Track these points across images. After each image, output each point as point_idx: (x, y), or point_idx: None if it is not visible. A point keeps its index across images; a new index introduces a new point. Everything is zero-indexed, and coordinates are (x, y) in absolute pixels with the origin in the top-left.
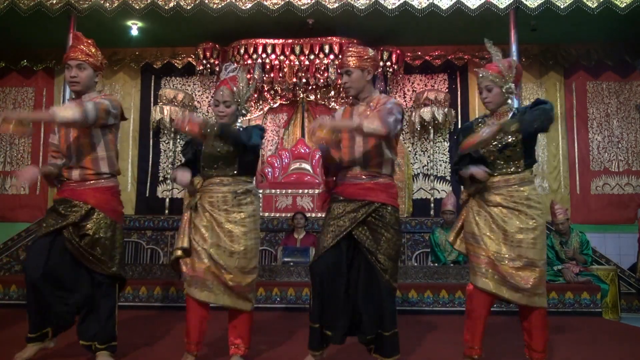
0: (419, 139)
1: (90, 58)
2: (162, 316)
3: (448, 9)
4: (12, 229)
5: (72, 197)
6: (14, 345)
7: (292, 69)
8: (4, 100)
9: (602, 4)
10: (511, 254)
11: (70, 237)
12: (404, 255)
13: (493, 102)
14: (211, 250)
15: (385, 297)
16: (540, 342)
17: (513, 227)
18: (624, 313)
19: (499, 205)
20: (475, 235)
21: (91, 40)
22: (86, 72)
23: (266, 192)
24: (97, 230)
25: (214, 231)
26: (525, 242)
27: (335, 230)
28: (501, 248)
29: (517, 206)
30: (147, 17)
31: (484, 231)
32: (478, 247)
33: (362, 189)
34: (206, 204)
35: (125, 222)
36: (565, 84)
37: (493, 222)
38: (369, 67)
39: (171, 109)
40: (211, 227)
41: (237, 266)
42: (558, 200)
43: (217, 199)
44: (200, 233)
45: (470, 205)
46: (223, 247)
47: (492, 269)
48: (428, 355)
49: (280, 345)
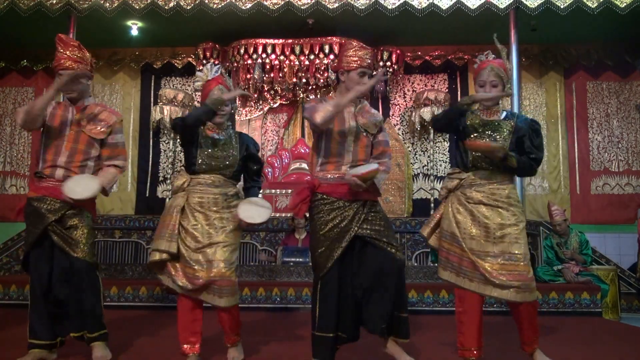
0: (419, 139)
1: (81, 64)
2: (162, 316)
3: (448, 9)
4: (12, 229)
5: (51, 196)
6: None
7: (292, 69)
8: (4, 100)
9: (602, 4)
10: (494, 251)
11: (54, 228)
12: (404, 256)
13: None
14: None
15: (401, 276)
16: (533, 333)
17: (495, 224)
18: (624, 313)
19: (480, 202)
20: (456, 235)
21: (77, 42)
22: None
23: (266, 192)
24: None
25: (203, 229)
26: (508, 238)
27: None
28: (484, 246)
29: (497, 203)
30: (147, 17)
31: (464, 230)
32: (459, 247)
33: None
34: (195, 204)
35: (125, 222)
36: (565, 84)
37: (474, 220)
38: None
39: (171, 109)
40: (201, 226)
41: (227, 259)
42: (558, 200)
43: (207, 199)
44: (192, 234)
45: (450, 201)
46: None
47: (473, 269)
48: (428, 355)
49: (280, 345)
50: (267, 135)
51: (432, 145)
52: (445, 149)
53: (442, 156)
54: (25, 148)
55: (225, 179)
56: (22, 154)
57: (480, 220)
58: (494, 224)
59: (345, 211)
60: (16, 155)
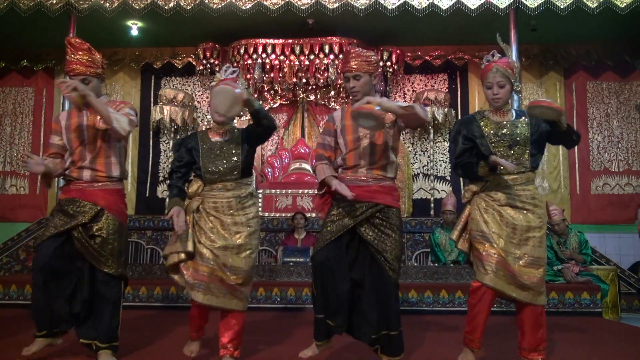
0: (419, 139)
1: (92, 68)
2: (162, 316)
3: (448, 9)
4: (12, 229)
5: (81, 198)
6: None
7: (292, 69)
8: (4, 100)
9: (602, 3)
10: (518, 252)
11: (80, 236)
12: (404, 256)
13: (503, 99)
14: (218, 252)
15: (392, 296)
16: (534, 340)
17: (522, 226)
18: (624, 313)
19: (507, 204)
20: (485, 233)
21: (86, 44)
22: (92, 84)
23: (266, 192)
24: (106, 231)
25: (219, 233)
26: (532, 241)
27: (338, 226)
28: (509, 246)
29: (524, 205)
30: (147, 17)
31: (493, 229)
32: (489, 245)
33: (368, 191)
34: (210, 209)
35: None
36: (565, 84)
37: (501, 221)
38: (375, 72)
39: (171, 109)
40: (217, 230)
41: (243, 266)
42: (558, 201)
43: (221, 204)
44: (207, 235)
45: (476, 203)
46: (231, 247)
47: (503, 267)
48: (428, 355)
49: (280, 345)
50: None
51: (432, 145)
52: (445, 149)
53: (442, 156)
54: (25, 148)
55: (234, 182)
56: (22, 153)
57: (508, 221)
58: (521, 226)
59: (352, 209)
60: (16, 155)
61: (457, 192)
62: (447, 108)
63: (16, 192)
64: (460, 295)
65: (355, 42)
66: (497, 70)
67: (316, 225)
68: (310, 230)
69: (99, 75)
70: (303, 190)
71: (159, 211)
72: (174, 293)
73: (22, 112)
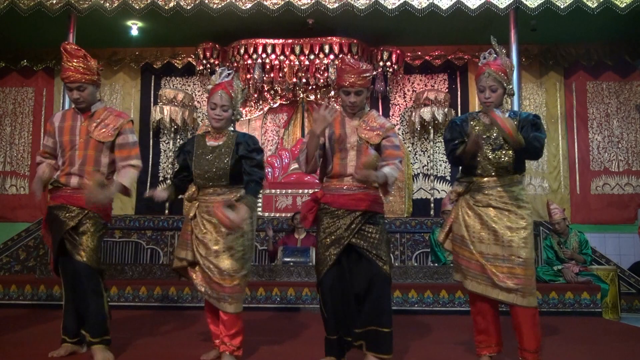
0: (418, 139)
1: (87, 75)
2: (162, 316)
3: (448, 9)
4: (12, 229)
5: (69, 203)
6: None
7: (292, 69)
8: (4, 100)
9: (602, 4)
10: (503, 254)
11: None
12: (404, 255)
13: (495, 102)
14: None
15: (385, 290)
16: (532, 341)
17: (503, 227)
18: (624, 313)
19: (489, 205)
20: (465, 239)
21: (82, 51)
22: (87, 91)
23: (266, 192)
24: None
25: (212, 236)
26: (516, 242)
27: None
28: (493, 249)
29: (506, 206)
30: (147, 17)
31: (473, 234)
32: (468, 250)
33: (354, 199)
34: (204, 213)
35: (125, 222)
36: (565, 84)
37: (483, 223)
38: (370, 85)
39: (171, 109)
40: (210, 233)
41: (236, 268)
42: (558, 200)
43: (213, 208)
44: (204, 244)
45: (460, 205)
46: (222, 251)
47: (481, 272)
48: (428, 355)
49: (280, 345)
50: (267, 135)
51: (432, 145)
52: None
53: (442, 156)
54: (25, 148)
55: (225, 187)
56: (22, 154)
57: (489, 225)
58: (502, 227)
59: (341, 220)
60: (16, 155)
61: None
62: (447, 108)
63: (16, 192)
64: (460, 295)
65: (355, 42)
66: (489, 74)
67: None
68: (310, 231)
69: (94, 82)
70: (303, 190)
71: (159, 211)
72: (173, 293)
73: (22, 112)
